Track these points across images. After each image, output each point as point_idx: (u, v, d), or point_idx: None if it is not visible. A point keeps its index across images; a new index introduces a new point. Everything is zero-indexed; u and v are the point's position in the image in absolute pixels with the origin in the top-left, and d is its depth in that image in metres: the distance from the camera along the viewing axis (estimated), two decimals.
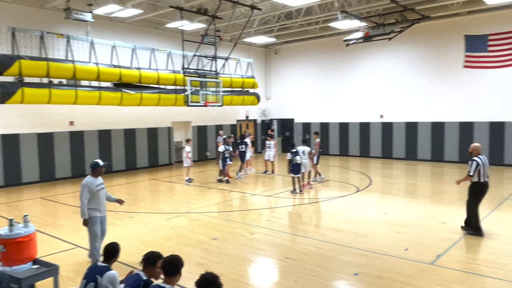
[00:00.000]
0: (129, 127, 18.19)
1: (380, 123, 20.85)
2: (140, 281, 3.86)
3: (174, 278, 3.68)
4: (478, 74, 17.61)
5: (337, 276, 6.21)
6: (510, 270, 6.12)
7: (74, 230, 8.86)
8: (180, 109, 18.60)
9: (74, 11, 13.80)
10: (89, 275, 4.12)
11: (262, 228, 8.81)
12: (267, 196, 12.39)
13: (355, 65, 21.67)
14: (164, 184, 15.04)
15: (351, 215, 9.81)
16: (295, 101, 24.31)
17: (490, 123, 17.66)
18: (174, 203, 11.73)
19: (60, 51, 15.36)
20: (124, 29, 17.75)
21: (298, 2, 15.70)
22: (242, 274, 6.29)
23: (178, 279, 3.73)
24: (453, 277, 5.93)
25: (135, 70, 15.76)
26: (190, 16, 16.55)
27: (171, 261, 3.71)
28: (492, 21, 17.11)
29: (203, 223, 9.27)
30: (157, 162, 19.40)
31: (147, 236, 8.26)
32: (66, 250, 7.48)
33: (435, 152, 19.20)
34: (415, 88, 19.68)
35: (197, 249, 7.42)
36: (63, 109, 15.48)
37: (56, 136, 15.76)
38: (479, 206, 8.07)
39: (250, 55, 23.50)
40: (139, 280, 3.88)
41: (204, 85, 16.17)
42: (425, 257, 6.74)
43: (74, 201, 12.11)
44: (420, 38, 19.12)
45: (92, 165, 6.77)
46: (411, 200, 11.58)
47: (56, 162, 15.78)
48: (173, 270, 3.67)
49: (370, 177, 15.31)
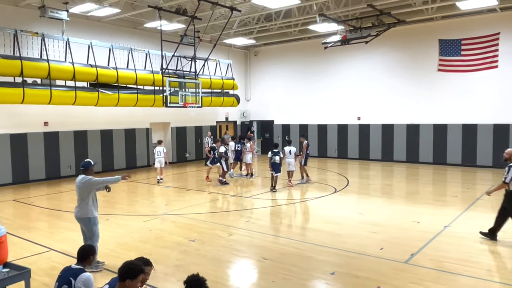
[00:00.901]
0: (106, 128, 17.89)
1: (358, 125, 21.18)
2: None
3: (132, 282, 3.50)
4: (452, 77, 18.11)
5: (314, 276, 6.27)
6: (482, 268, 6.31)
7: (48, 233, 8.67)
8: (159, 110, 18.44)
9: (49, 9, 13.51)
10: (63, 277, 4.02)
11: (240, 229, 8.81)
12: (247, 197, 12.40)
13: (333, 67, 21.95)
14: (142, 186, 14.86)
15: (329, 215, 9.92)
16: (275, 102, 24.43)
17: (463, 125, 18.18)
18: (152, 205, 11.60)
19: (34, 50, 14.99)
20: (101, 28, 17.46)
21: (277, 5, 15.82)
22: (220, 276, 6.28)
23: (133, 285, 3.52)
24: (427, 275, 6.07)
25: (112, 70, 15.52)
26: (169, 16, 16.44)
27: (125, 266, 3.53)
28: (465, 26, 17.64)
29: (181, 225, 9.20)
30: (135, 164, 19.14)
31: (123, 239, 8.14)
32: (39, 253, 7.30)
33: (410, 154, 19.62)
34: (391, 90, 20.09)
35: (174, 251, 7.36)
36: (37, 109, 15.10)
37: (30, 137, 15.35)
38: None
39: (230, 56, 23.49)
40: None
41: (183, 86, 16.06)
42: (400, 256, 6.88)
43: (48, 203, 11.85)
44: (396, 42, 19.53)
45: (85, 164, 6.58)
46: (386, 201, 11.79)
47: (30, 164, 15.37)
48: (129, 275, 3.48)
49: (347, 178, 15.52)
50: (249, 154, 15.89)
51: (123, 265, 3.53)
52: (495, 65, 17.03)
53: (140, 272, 3.54)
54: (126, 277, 3.46)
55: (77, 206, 6.52)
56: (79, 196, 6.48)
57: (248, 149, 15.92)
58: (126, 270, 3.48)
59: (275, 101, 24.44)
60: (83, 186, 6.41)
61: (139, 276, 3.51)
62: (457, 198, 11.83)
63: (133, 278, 3.47)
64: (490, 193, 7.98)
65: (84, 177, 6.44)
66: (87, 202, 6.43)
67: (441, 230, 8.36)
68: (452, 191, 13.18)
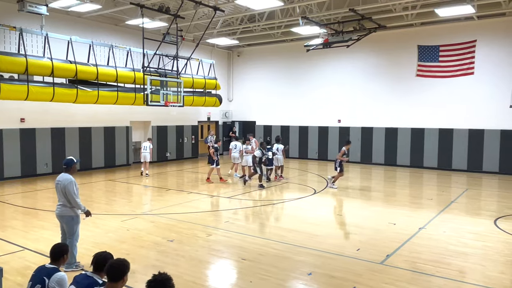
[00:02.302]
0: (85, 126, 17.59)
1: (338, 127, 21.42)
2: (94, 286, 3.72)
3: (116, 284, 3.53)
4: (430, 83, 18.53)
5: (291, 276, 6.33)
6: (455, 269, 6.48)
7: (22, 231, 8.48)
8: (140, 108, 18.23)
9: (28, 3, 13.17)
10: (36, 277, 3.95)
11: (220, 229, 8.81)
12: (227, 197, 12.40)
13: (315, 70, 22.15)
14: (121, 185, 14.67)
15: (307, 216, 10.02)
16: (257, 103, 24.49)
17: (439, 129, 18.61)
18: (130, 205, 11.48)
19: (12, 44, 14.64)
20: (82, 24, 17.17)
21: (261, 6, 15.87)
22: (198, 276, 6.27)
23: (121, 284, 3.57)
24: (402, 276, 6.20)
25: (92, 67, 15.26)
26: (151, 14, 16.29)
27: (114, 266, 3.56)
28: (444, 33, 18.08)
29: (160, 224, 9.14)
30: (114, 163, 18.87)
31: (100, 238, 8.03)
32: (13, 253, 7.13)
33: (388, 156, 19.97)
34: (371, 94, 20.41)
35: (152, 251, 7.31)
36: (13, 105, 14.72)
37: (5, 133, 14.96)
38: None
39: (213, 56, 23.44)
40: (93, 285, 3.73)
41: (164, 84, 15.94)
42: (375, 257, 7.01)
43: (23, 202, 11.58)
44: (376, 46, 19.86)
45: (67, 162, 6.44)
46: (364, 202, 11.98)
47: (5, 161, 14.98)
48: (116, 275, 3.52)
49: (327, 179, 15.68)
50: (250, 156, 14.94)
51: (111, 265, 3.55)
52: (472, 71, 17.51)
53: (127, 268, 3.58)
54: (119, 276, 3.50)
55: (59, 204, 6.41)
56: (60, 195, 6.36)
57: (249, 150, 15.23)
58: (118, 270, 3.51)
59: (257, 102, 24.50)
60: (64, 190, 6.29)
61: (127, 273, 3.58)
62: (433, 201, 12.12)
63: (124, 276, 3.54)
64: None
65: (67, 179, 6.29)
66: (69, 200, 6.32)
67: (416, 232, 8.55)
68: (428, 193, 13.48)
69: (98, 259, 3.93)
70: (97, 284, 3.75)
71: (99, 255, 3.99)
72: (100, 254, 4.01)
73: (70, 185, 6.26)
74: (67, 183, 6.26)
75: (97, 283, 3.76)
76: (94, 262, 3.93)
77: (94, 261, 3.93)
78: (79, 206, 6.36)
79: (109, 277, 3.53)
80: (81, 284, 3.77)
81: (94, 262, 3.93)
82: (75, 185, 6.35)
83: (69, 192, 6.26)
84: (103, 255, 3.97)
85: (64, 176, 6.34)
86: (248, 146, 15.53)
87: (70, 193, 6.26)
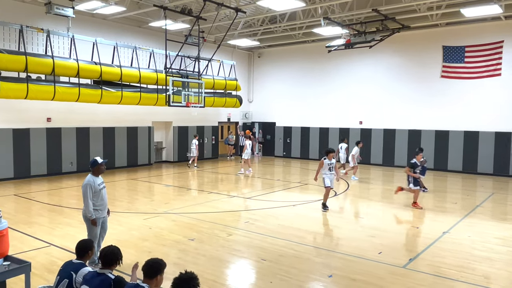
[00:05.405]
0: (108, 126, 17.96)
1: (359, 129, 21.19)
2: (108, 281, 3.79)
3: (151, 280, 3.66)
4: (455, 84, 18.13)
5: (311, 278, 6.30)
6: (479, 275, 6.32)
7: (49, 228, 8.71)
8: (161, 109, 18.49)
9: (55, 5, 13.57)
10: (64, 271, 4.06)
11: (240, 229, 8.84)
12: (247, 198, 12.43)
13: (336, 71, 21.98)
14: (143, 184, 14.90)
15: (328, 218, 9.95)
16: (277, 104, 24.47)
17: (464, 132, 18.18)
18: (152, 203, 11.64)
19: (39, 46, 15.08)
20: (106, 26, 17.54)
21: (282, 7, 15.85)
22: (218, 275, 6.31)
23: (155, 282, 3.68)
24: (424, 281, 6.09)
25: (116, 68, 15.59)
26: (174, 16, 16.51)
27: (149, 263, 3.69)
28: (469, 33, 17.67)
29: (181, 223, 9.24)
30: (136, 162, 19.19)
31: (123, 236, 8.18)
32: (39, 248, 7.34)
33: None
34: (394, 96, 20.10)
35: (173, 250, 7.40)
36: (40, 105, 15.17)
37: (32, 132, 15.42)
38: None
39: (234, 57, 23.56)
40: (106, 281, 3.80)
41: (186, 85, 16.12)
42: (398, 260, 6.90)
43: (50, 199, 11.90)
44: (400, 47, 19.56)
45: (91, 162, 6.49)
46: (386, 205, 11.80)
47: (32, 159, 15.43)
48: (150, 273, 3.66)
49: (347, 181, 15.54)
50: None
51: (146, 263, 3.71)
52: (498, 73, 17.07)
53: (162, 267, 3.74)
54: (156, 273, 3.67)
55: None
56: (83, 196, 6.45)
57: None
58: (155, 267, 3.68)
59: (277, 103, 24.47)
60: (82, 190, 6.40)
61: (162, 274, 3.74)
62: (457, 205, 11.85)
63: (161, 272, 3.72)
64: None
65: (85, 180, 6.34)
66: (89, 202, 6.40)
67: (440, 236, 8.37)
68: (452, 197, 13.19)
69: (106, 254, 3.98)
70: (109, 279, 3.81)
71: (106, 249, 4.04)
72: (107, 249, 4.06)
73: (84, 187, 6.32)
74: (83, 185, 6.36)
75: (109, 279, 3.82)
76: (102, 257, 3.97)
77: (102, 256, 3.98)
78: (87, 209, 6.27)
79: (144, 273, 3.68)
80: (93, 282, 3.81)
81: (102, 257, 3.97)
82: (91, 188, 6.27)
83: (82, 193, 6.35)
84: (110, 249, 4.02)
85: (87, 177, 6.44)
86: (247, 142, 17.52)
87: (83, 194, 6.34)
